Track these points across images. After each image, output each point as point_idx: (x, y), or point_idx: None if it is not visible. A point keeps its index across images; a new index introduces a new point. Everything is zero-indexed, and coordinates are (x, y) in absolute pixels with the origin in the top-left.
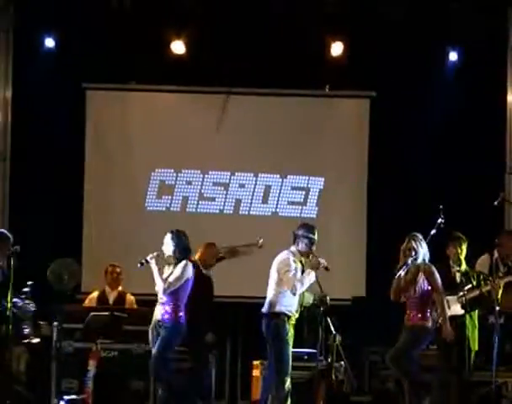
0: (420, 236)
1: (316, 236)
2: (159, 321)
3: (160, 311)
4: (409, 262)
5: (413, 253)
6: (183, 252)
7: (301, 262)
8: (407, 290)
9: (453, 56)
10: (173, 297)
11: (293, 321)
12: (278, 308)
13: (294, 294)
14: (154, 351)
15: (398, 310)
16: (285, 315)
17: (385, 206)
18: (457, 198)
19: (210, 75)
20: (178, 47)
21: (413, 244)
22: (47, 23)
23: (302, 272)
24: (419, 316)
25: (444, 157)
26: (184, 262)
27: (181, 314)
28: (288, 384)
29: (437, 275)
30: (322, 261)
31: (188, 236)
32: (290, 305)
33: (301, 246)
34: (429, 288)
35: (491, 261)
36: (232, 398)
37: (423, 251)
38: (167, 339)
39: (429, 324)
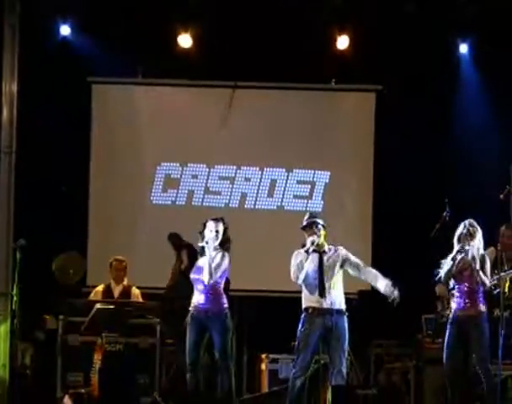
0: None
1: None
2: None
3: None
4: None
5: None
6: (226, 242)
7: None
8: None
9: (463, 49)
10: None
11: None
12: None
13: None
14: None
15: (404, 304)
16: (305, 308)
17: (391, 200)
18: (463, 191)
19: (216, 69)
20: (184, 41)
21: None
22: (53, 18)
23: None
24: None
25: (450, 150)
26: (222, 252)
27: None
28: None
29: None
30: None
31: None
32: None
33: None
34: None
35: (496, 254)
36: (237, 391)
37: None
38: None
39: None
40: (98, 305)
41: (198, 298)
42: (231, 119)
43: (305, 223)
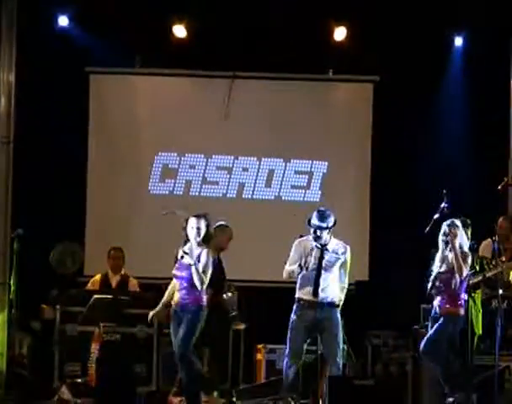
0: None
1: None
2: (182, 306)
3: (182, 297)
4: None
5: None
6: (209, 239)
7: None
8: None
9: (458, 41)
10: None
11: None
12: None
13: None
14: (181, 336)
15: (401, 295)
16: (297, 299)
17: (388, 190)
18: (460, 182)
19: (214, 59)
20: (182, 31)
21: None
22: (51, 7)
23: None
24: None
25: (447, 142)
26: (206, 249)
27: (204, 298)
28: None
29: None
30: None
31: None
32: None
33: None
34: None
35: (493, 246)
36: (233, 381)
37: None
38: (193, 324)
39: None
40: (95, 295)
41: (179, 294)
42: (229, 110)
43: (311, 225)
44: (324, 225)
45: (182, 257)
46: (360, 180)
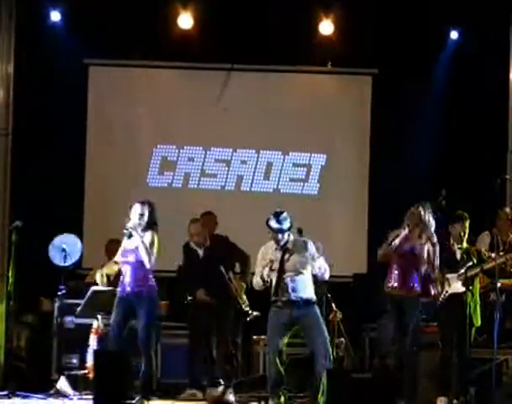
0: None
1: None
2: (135, 294)
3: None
4: None
5: None
6: (153, 224)
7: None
8: None
9: (454, 35)
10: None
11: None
12: None
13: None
14: (144, 323)
15: None
16: (272, 301)
17: (386, 183)
18: (458, 176)
19: (212, 51)
20: (181, 23)
21: None
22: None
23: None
24: None
25: (445, 135)
26: (151, 231)
27: (152, 277)
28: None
29: None
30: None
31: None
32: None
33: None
34: None
35: (491, 238)
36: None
37: None
38: (153, 313)
39: None
40: (93, 288)
41: (126, 280)
42: (227, 102)
43: (271, 227)
44: (284, 227)
45: (130, 235)
46: (359, 173)
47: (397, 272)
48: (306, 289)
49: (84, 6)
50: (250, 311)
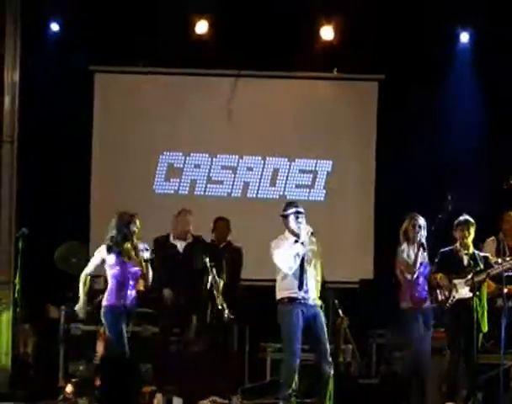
0: None
1: (295, 209)
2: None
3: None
4: None
5: None
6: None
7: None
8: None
9: (464, 37)
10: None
11: (309, 302)
12: (279, 294)
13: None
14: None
15: None
16: (289, 298)
17: (393, 189)
18: (466, 181)
19: (218, 58)
20: (203, 28)
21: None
22: (55, 6)
23: None
24: None
25: (452, 139)
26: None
27: None
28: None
29: None
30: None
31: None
32: (291, 287)
33: (289, 225)
34: None
35: (498, 244)
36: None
37: None
38: None
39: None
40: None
41: (129, 292)
42: (233, 109)
43: (289, 211)
44: (301, 209)
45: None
46: (365, 179)
47: None
48: (317, 288)
49: (90, 13)
50: (226, 312)
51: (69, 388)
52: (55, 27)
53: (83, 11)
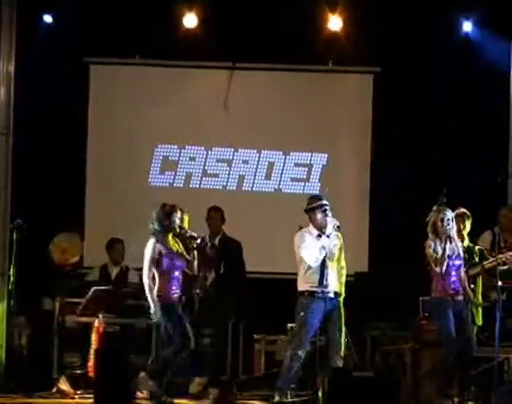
0: None
1: (320, 202)
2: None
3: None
4: None
5: None
6: None
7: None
8: None
9: (461, 30)
10: None
11: (329, 295)
12: (301, 287)
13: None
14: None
15: (401, 286)
16: (309, 292)
17: (388, 182)
18: (460, 173)
19: (213, 50)
20: (184, 22)
21: None
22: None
23: None
24: None
25: (447, 132)
26: None
27: None
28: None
29: None
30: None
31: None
32: (312, 281)
33: (316, 218)
34: None
35: (493, 237)
36: (232, 373)
37: None
38: None
39: None
40: (95, 287)
41: (177, 286)
42: (228, 102)
43: (314, 205)
44: (326, 202)
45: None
46: (360, 172)
47: None
48: (340, 281)
49: (85, 4)
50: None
51: (63, 380)
52: (50, 18)
53: (79, 2)
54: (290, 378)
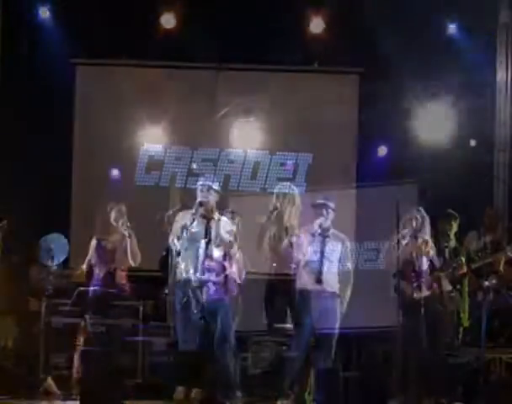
0: None
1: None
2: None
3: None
4: None
5: None
6: None
7: None
8: None
9: (446, 31)
10: None
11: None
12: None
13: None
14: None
15: (387, 287)
16: (306, 290)
17: (373, 181)
18: (447, 174)
19: (199, 50)
20: (168, 22)
21: None
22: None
23: None
24: None
25: (434, 132)
26: None
27: None
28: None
29: None
30: None
31: None
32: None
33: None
34: None
35: (479, 237)
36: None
37: None
38: None
39: None
40: (80, 287)
41: None
42: (214, 102)
43: (316, 202)
44: (330, 203)
45: None
46: (346, 171)
47: None
48: (335, 279)
49: (71, 5)
50: None
51: (50, 381)
52: (36, 19)
53: (65, 3)
54: (293, 380)
